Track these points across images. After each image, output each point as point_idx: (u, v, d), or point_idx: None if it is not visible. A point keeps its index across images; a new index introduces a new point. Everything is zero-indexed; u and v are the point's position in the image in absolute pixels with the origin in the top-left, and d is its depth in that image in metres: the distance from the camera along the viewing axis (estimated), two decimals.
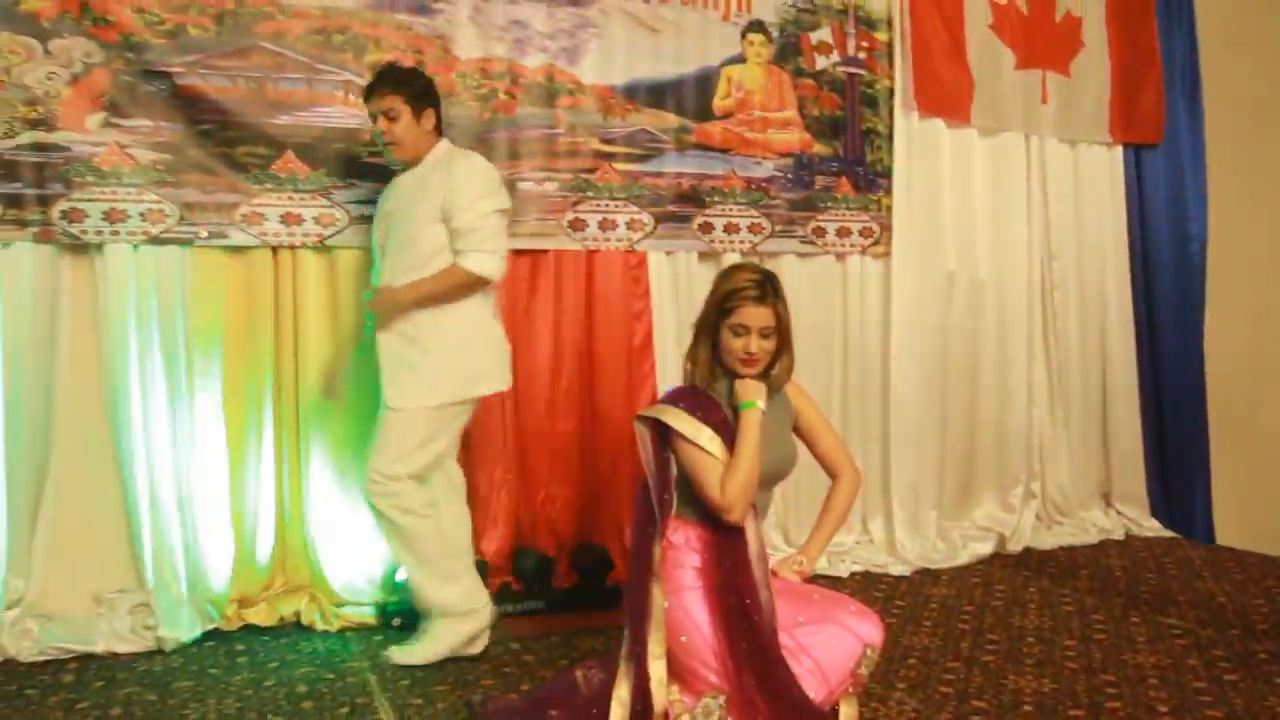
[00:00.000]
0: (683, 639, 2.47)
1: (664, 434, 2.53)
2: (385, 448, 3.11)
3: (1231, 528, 4.73)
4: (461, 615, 3.17)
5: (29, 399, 3.33)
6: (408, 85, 3.16)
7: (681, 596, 2.50)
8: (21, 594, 3.31)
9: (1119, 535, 4.70)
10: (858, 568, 4.18)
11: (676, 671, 2.49)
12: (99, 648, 3.26)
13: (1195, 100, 4.92)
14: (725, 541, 2.51)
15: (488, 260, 3.12)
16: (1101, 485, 4.89)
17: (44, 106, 3.25)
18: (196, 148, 3.39)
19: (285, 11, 3.48)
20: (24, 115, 3.23)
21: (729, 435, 2.51)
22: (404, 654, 3.15)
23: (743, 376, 2.55)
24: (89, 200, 3.29)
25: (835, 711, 2.50)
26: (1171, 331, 4.87)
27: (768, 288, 2.53)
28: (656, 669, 2.47)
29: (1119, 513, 4.84)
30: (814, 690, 2.42)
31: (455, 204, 3.08)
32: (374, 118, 3.17)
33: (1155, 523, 4.81)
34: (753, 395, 2.52)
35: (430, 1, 3.64)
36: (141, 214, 3.34)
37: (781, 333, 2.55)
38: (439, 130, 3.26)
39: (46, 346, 3.34)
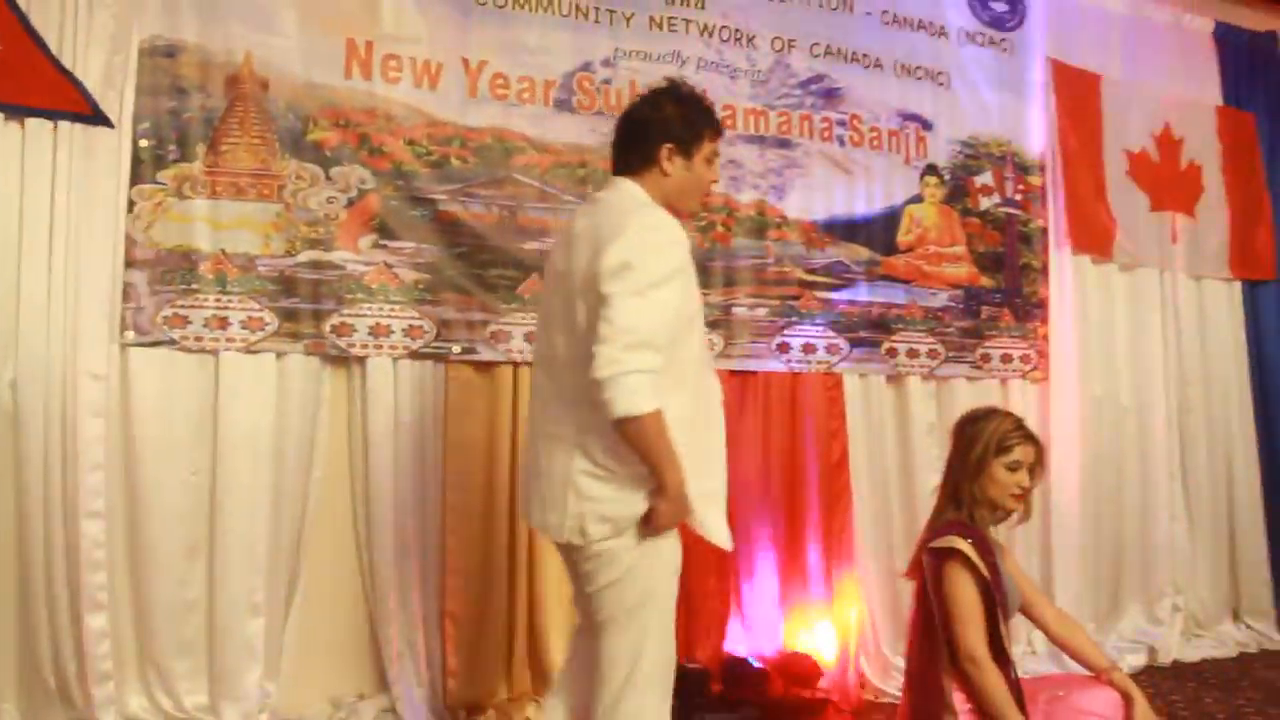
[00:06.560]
0: None
1: (940, 564, 2.47)
2: None
3: None
4: None
5: (288, 499, 3.24)
6: None
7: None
8: (271, 697, 3.18)
9: (1253, 648, 4.57)
10: (1024, 675, 4.04)
11: None
12: None
13: None
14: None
15: None
16: (1230, 600, 4.78)
17: (323, 227, 3.25)
18: (452, 268, 3.38)
19: (536, 146, 3.52)
20: (306, 235, 3.23)
21: (996, 581, 2.44)
22: None
23: (1010, 511, 2.53)
24: (357, 316, 3.27)
25: None
26: None
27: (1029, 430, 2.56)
28: None
29: (1248, 626, 4.72)
30: None
31: None
32: (711, 159, 2.29)
33: None
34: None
35: None
36: (404, 329, 3.31)
37: (1034, 472, 2.55)
38: None
39: (307, 450, 3.27)
